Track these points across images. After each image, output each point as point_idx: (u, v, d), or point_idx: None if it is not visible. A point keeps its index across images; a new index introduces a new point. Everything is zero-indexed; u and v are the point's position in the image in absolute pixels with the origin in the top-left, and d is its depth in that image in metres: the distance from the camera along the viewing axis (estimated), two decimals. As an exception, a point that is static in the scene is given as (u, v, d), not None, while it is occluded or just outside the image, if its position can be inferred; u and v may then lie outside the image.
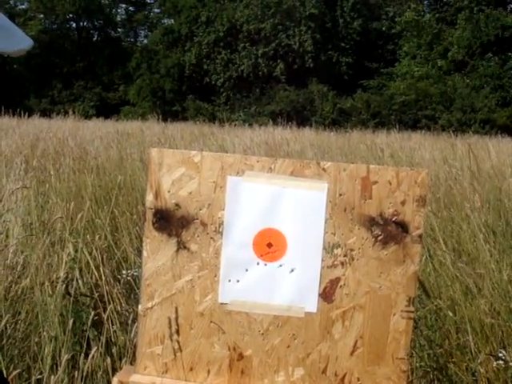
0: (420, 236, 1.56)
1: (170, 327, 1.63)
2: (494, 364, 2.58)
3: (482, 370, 2.76)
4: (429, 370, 2.94)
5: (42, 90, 45.10)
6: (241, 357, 1.62)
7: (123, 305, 2.99)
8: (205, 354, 1.63)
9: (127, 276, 3.35)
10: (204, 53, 41.85)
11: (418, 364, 3.05)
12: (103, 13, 52.20)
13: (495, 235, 4.98)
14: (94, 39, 52.76)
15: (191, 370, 1.64)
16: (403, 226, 1.56)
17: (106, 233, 3.83)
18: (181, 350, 1.64)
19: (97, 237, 3.74)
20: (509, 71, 32.59)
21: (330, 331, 1.58)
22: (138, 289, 3.08)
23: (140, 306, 1.65)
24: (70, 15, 51.53)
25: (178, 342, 1.63)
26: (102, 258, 3.45)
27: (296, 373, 1.60)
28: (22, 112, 15.87)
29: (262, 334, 1.60)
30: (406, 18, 38.28)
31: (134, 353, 1.76)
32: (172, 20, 47.04)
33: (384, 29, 40.21)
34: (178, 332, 1.63)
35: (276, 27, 39.35)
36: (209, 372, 1.63)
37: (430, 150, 12.04)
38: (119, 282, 3.33)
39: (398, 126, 23.18)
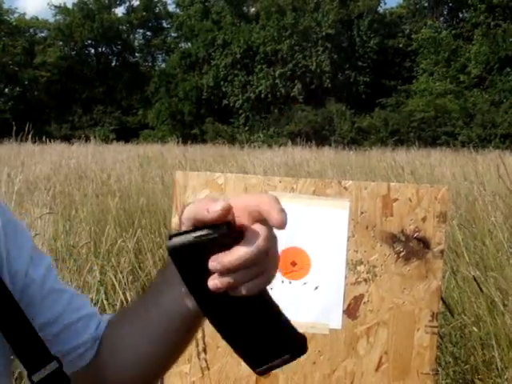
0: (442, 251, 1.58)
1: (198, 346, 1.66)
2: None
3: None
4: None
5: (62, 115, 45.68)
6: (267, 374, 1.64)
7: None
8: (232, 372, 1.65)
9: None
10: (221, 75, 42.20)
11: (444, 381, 3.04)
12: (121, 38, 52.92)
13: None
14: (113, 64, 53.46)
15: (219, 388, 1.66)
16: (425, 242, 1.58)
17: (130, 255, 3.88)
18: (208, 369, 1.66)
19: (122, 260, 3.79)
20: (528, 86, 32.48)
21: (355, 347, 1.60)
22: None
23: (168, 326, 1.68)
24: (89, 41, 52.31)
25: (206, 361, 1.66)
26: (127, 281, 3.50)
27: (322, 389, 1.62)
28: (44, 138, 16.09)
29: (288, 351, 1.62)
30: (422, 35, 38.35)
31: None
32: (189, 44, 47.55)
33: (401, 46, 40.30)
34: (205, 351, 1.66)
35: (293, 48, 39.59)
36: (236, 390, 1.65)
37: (451, 167, 12.00)
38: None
39: (417, 143, 23.14)
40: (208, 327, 1.65)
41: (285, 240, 1.61)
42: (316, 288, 1.61)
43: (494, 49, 34.31)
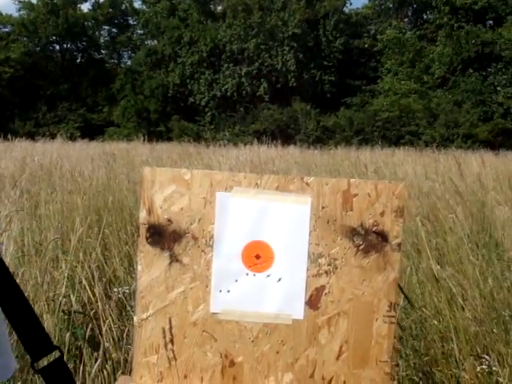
0: (399, 244, 1.66)
1: (165, 337, 1.71)
2: (478, 369, 2.67)
3: (466, 377, 2.85)
4: (415, 378, 3.03)
5: (26, 112, 45.09)
6: (232, 364, 1.70)
7: (115, 321, 3.06)
8: (198, 361, 1.71)
9: (118, 293, 3.42)
10: (188, 73, 42.05)
11: (404, 373, 3.13)
12: (86, 34, 52.42)
13: (478, 247, 5.10)
14: (78, 61, 52.91)
15: (185, 377, 1.71)
16: (383, 236, 1.65)
17: (97, 252, 3.90)
18: (175, 359, 1.71)
19: (89, 256, 3.81)
20: (489, 87, 33.03)
21: (317, 337, 1.67)
22: (129, 306, 3.15)
23: (135, 318, 1.73)
24: (54, 37, 51.68)
25: (173, 351, 1.71)
26: (93, 277, 3.52)
27: (285, 378, 1.69)
28: (9, 135, 15.90)
29: (252, 341, 1.69)
30: (387, 36, 38.77)
31: (128, 365, 1.83)
32: (155, 41, 47.31)
33: (366, 47, 40.68)
34: (172, 341, 1.71)
35: (259, 47, 39.69)
36: (202, 379, 1.71)
37: (414, 166, 12.21)
38: (110, 299, 3.40)
39: (381, 143, 23.41)
40: (175, 318, 1.70)
41: (249, 234, 1.68)
42: (279, 280, 1.67)
43: (457, 50, 34.83)
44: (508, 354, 2.80)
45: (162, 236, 1.69)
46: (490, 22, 36.67)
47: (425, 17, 41.10)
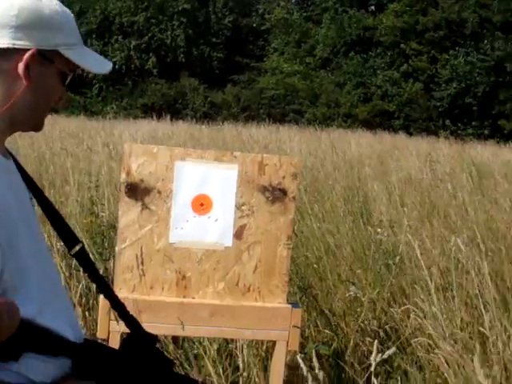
0: (294, 197, 2.53)
1: (137, 260, 2.50)
2: (347, 295, 3.63)
3: (339, 301, 3.81)
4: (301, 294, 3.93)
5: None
6: (184, 277, 2.52)
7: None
8: (160, 277, 2.51)
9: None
10: (75, 44, 41.30)
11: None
12: None
13: (351, 214, 6.12)
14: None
15: (151, 288, 2.51)
16: (284, 191, 2.52)
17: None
18: (144, 275, 2.51)
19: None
20: (369, 69, 34.91)
21: (241, 258, 2.52)
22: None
23: (117, 248, 2.51)
24: None
25: (142, 270, 2.50)
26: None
27: (219, 286, 2.53)
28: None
29: (198, 261, 2.51)
30: (275, 16, 39.85)
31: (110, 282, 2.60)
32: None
33: (255, 25, 41.64)
34: (142, 263, 2.50)
35: (149, 21, 39.73)
36: (163, 289, 2.52)
37: (298, 143, 13.28)
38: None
39: (267, 120, 24.45)
40: (144, 247, 2.48)
41: (196, 189, 2.49)
42: (216, 220, 2.51)
43: (340, 33, 36.48)
44: (367, 284, 3.78)
45: (136, 191, 2.48)
46: (373, 7, 38.58)
47: (311, -1, 42.53)
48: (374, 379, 2.24)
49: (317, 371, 2.16)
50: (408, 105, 32.50)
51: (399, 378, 3.10)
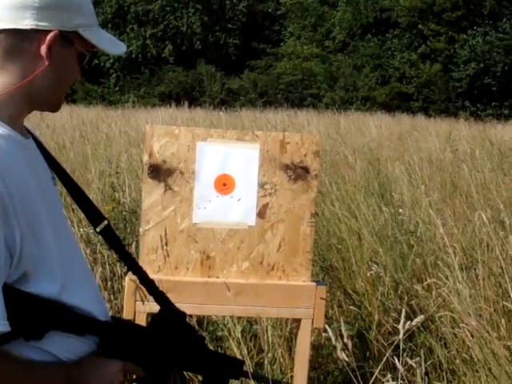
0: (316, 175, 2.53)
1: (161, 241, 2.52)
2: (368, 274, 3.63)
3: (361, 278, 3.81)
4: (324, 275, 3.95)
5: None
6: (208, 257, 2.53)
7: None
8: (185, 257, 2.53)
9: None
10: (91, 34, 41.39)
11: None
12: None
13: (372, 195, 6.11)
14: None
15: (176, 268, 2.53)
16: (306, 169, 2.52)
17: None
18: (168, 256, 2.53)
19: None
20: (387, 51, 34.64)
21: (264, 237, 2.53)
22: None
23: (141, 229, 2.53)
24: None
25: (167, 251, 2.52)
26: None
27: (243, 265, 2.54)
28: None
29: (221, 241, 2.52)
30: (290, 0, 39.64)
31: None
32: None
33: (270, 10, 41.44)
34: (166, 244, 2.52)
35: (164, 9, 39.71)
36: (187, 269, 2.53)
37: (317, 126, 13.24)
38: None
39: (285, 105, 24.39)
40: (168, 228, 2.50)
41: (219, 169, 2.50)
42: (239, 199, 2.51)
43: (356, 16, 36.21)
44: (388, 264, 3.78)
45: (159, 172, 2.49)
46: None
47: (326, -19, 42.19)
48: (402, 345, 2.23)
49: (344, 350, 2.17)
50: (426, 86, 32.20)
51: (423, 356, 3.11)
